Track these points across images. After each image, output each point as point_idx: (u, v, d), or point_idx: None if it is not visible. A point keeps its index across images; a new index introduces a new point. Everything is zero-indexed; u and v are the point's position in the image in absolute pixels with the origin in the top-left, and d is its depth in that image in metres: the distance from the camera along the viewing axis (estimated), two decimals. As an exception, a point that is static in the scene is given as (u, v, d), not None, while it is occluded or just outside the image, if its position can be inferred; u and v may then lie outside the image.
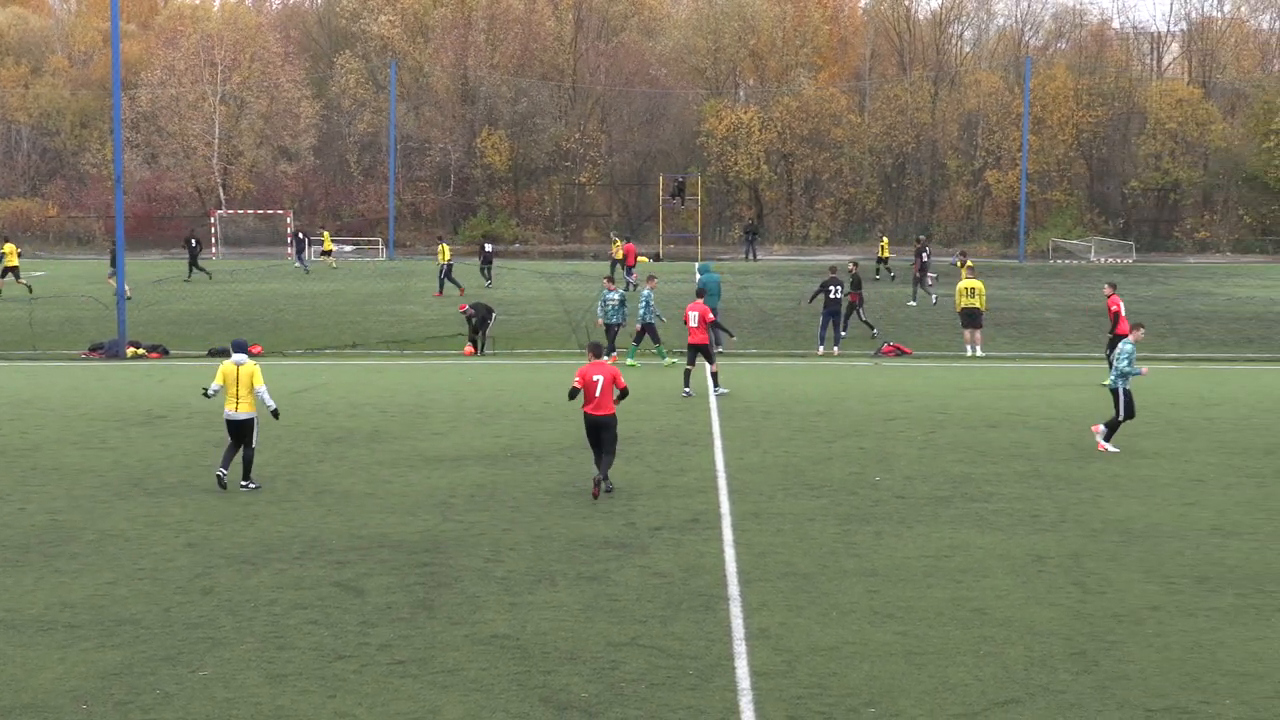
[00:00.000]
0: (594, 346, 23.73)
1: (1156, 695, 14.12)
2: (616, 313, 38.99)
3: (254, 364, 23.48)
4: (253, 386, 23.20)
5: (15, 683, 14.48)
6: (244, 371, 23.24)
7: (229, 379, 23.28)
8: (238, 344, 23.78)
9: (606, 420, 22.83)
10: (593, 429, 22.94)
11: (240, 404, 23.22)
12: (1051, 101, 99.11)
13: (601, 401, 22.73)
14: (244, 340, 24.07)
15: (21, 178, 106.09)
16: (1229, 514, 21.65)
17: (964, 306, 41.07)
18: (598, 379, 22.75)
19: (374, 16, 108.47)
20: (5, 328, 46.63)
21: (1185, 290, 63.69)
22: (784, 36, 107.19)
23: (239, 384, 23.21)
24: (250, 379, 23.18)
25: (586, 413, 22.94)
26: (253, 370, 23.27)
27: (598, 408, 22.76)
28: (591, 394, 22.75)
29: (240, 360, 23.39)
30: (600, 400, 22.73)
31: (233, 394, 23.25)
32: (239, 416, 23.26)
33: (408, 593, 17.43)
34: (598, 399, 22.71)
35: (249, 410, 23.25)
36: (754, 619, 16.40)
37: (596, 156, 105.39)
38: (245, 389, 23.19)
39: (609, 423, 22.86)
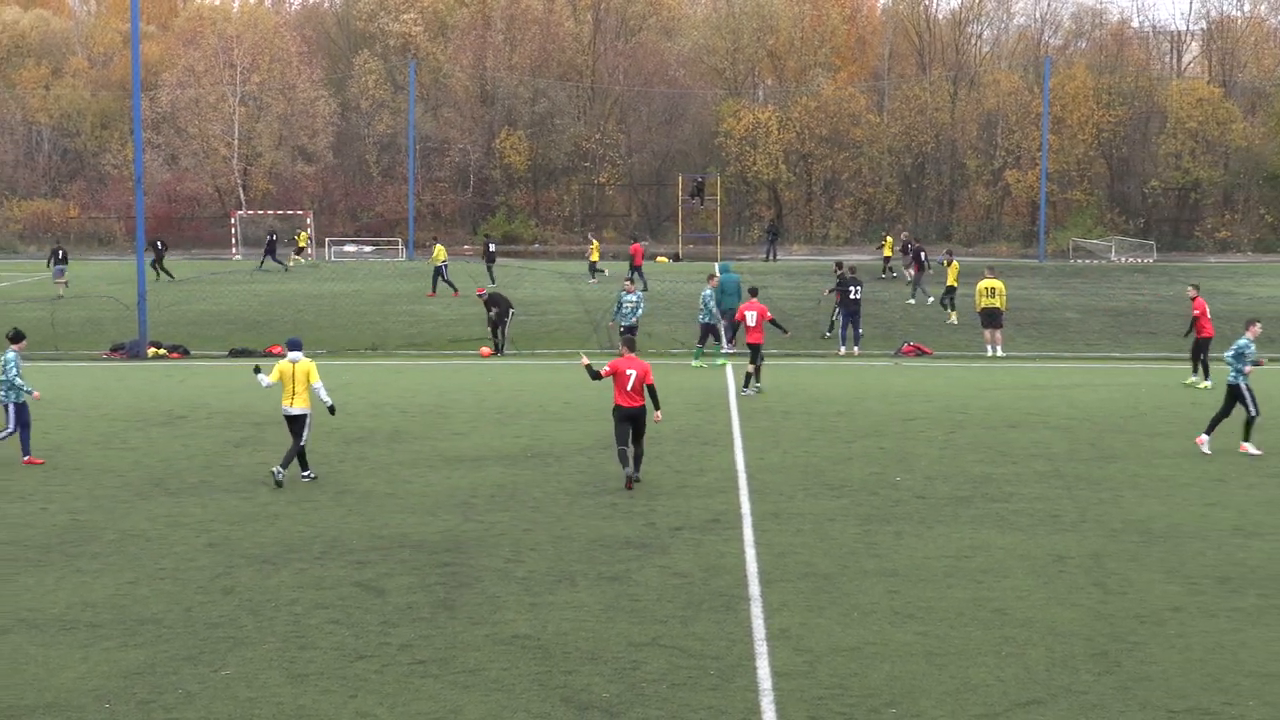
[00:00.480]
0: (628, 340, 24.43)
1: (1178, 696, 14.10)
2: (633, 314, 38.59)
3: (310, 362, 24.14)
4: (309, 383, 23.88)
5: (38, 682, 14.53)
6: (299, 369, 23.89)
7: (285, 376, 23.91)
8: (293, 342, 24.37)
9: (637, 411, 23.53)
10: (624, 419, 23.58)
11: (295, 400, 23.86)
12: (1071, 101, 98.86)
13: (633, 394, 23.44)
14: (299, 339, 24.67)
15: (42, 178, 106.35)
16: (1251, 514, 21.59)
17: (984, 306, 40.99)
18: (631, 372, 23.46)
19: (394, 16, 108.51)
20: (27, 328, 46.44)
21: (1206, 290, 63.23)
22: (802, 36, 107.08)
23: (294, 380, 23.85)
24: (306, 376, 23.87)
25: (618, 404, 23.61)
26: (308, 368, 23.95)
27: (630, 400, 23.47)
28: (624, 386, 23.45)
29: (296, 358, 23.99)
30: (632, 392, 23.44)
31: (289, 390, 23.90)
32: (294, 411, 23.91)
33: (428, 593, 17.45)
34: (630, 391, 23.43)
35: (304, 406, 23.89)
36: (775, 619, 16.40)
37: (615, 157, 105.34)
38: (301, 385, 23.86)
39: (639, 414, 23.57)
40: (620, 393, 23.56)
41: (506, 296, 42.72)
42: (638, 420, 23.62)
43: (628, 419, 23.61)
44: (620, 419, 23.68)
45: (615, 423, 23.81)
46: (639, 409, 23.55)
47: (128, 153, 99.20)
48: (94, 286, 63.75)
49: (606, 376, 23.81)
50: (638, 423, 23.64)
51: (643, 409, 23.60)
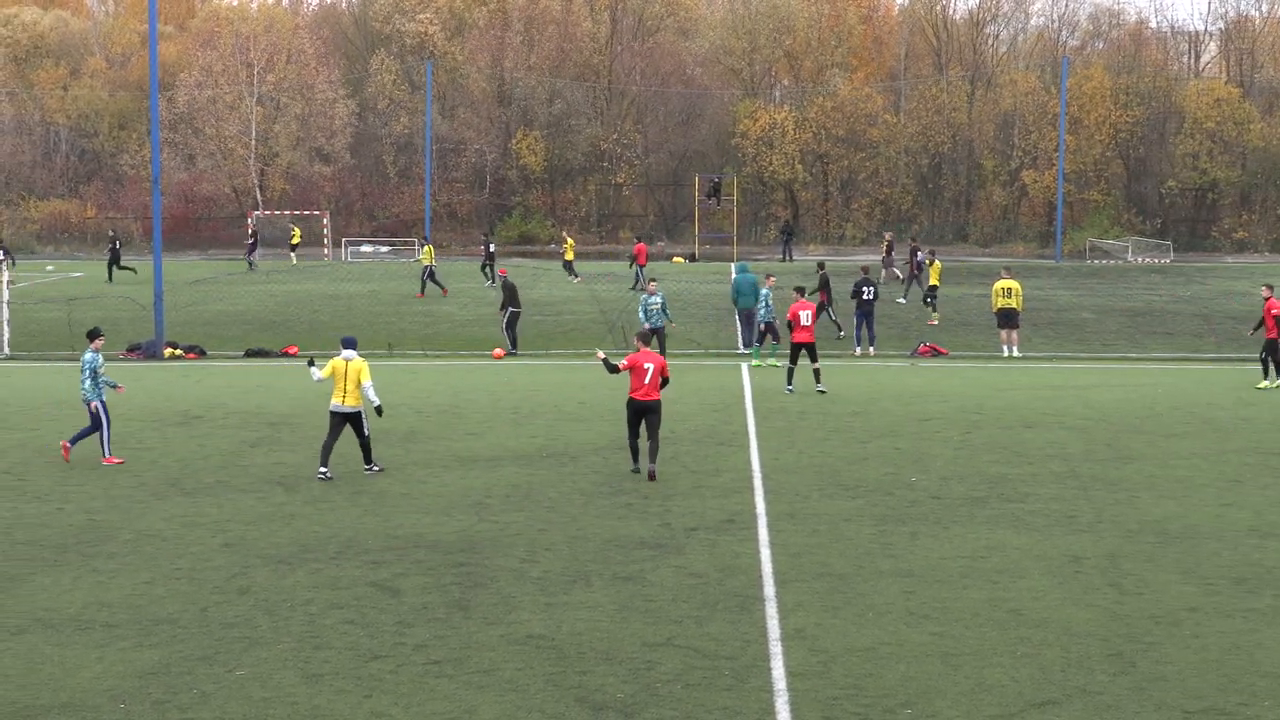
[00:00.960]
0: (643, 335, 25.25)
1: (1194, 697, 14.06)
2: (659, 316, 37.99)
3: (362, 360, 24.46)
4: (360, 381, 24.21)
5: (54, 682, 14.55)
6: (352, 367, 24.28)
7: (338, 373, 24.31)
8: (347, 341, 24.76)
9: (653, 405, 24.13)
10: (639, 412, 24.18)
11: (347, 397, 24.29)
12: (1088, 101, 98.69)
13: (650, 387, 24.07)
14: (354, 338, 25.06)
15: (60, 179, 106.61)
16: (1267, 515, 21.54)
17: (1001, 307, 40.94)
18: (649, 366, 24.10)
19: (410, 16, 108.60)
20: (44, 329, 46.87)
21: (1223, 290, 63.34)
22: (819, 36, 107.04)
23: (347, 378, 24.23)
24: (358, 374, 24.24)
25: (634, 398, 24.19)
26: (360, 366, 24.32)
27: (646, 394, 24.09)
28: (641, 380, 24.08)
29: (349, 356, 24.40)
30: (648, 386, 24.07)
31: (341, 388, 24.29)
32: (345, 409, 24.36)
33: (443, 593, 17.46)
34: (646, 385, 24.06)
35: (356, 404, 24.35)
36: (790, 619, 16.39)
37: (632, 157, 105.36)
38: (353, 383, 24.24)
39: (655, 407, 24.15)
40: (636, 385, 24.12)
41: (516, 294, 42.52)
42: (651, 413, 24.13)
43: (642, 412, 24.18)
44: (634, 411, 24.27)
45: (628, 415, 24.42)
46: (654, 402, 24.12)
47: (145, 153, 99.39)
48: (110, 287, 63.88)
49: (624, 370, 24.38)
50: (651, 416, 24.13)
51: (658, 403, 24.17)
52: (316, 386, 34.00)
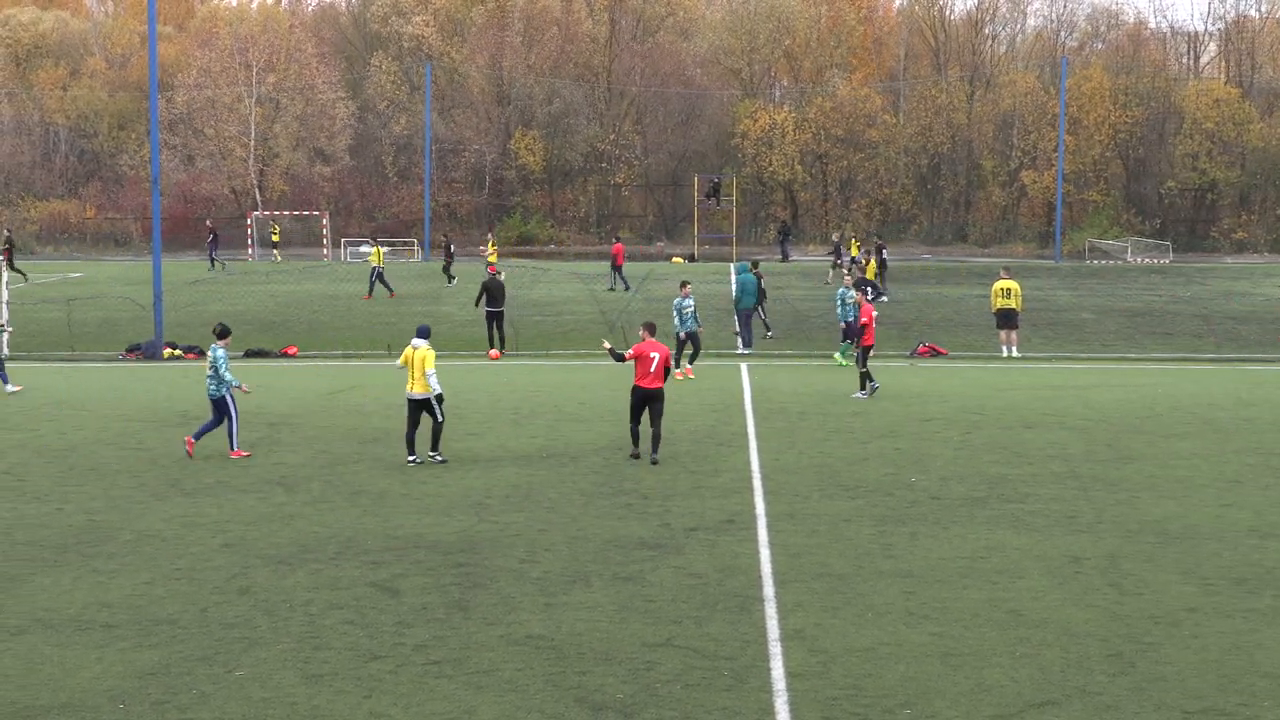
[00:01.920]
0: (649, 325, 26.19)
1: (1194, 697, 14.07)
2: (692, 320, 36.64)
3: (428, 349, 25.15)
4: (425, 369, 24.91)
5: (53, 682, 14.55)
6: (418, 356, 25.07)
7: (409, 361, 25.22)
8: (421, 330, 25.64)
9: (657, 393, 25.33)
10: (643, 400, 25.34)
11: (416, 384, 25.14)
12: (1088, 101, 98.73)
13: (654, 376, 25.22)
14: (427, 327, 25.89)
15: (59, 179, 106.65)
16: (1267, 515, 21.55)
17: (1000, 307, 40.93)
18: (654, 356, 25.26)
19: (408, 18, 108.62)
20: (44, 329, 46.86)
21: (1222, 291, 63.36)
22: (818, 37, 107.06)
23: (414, 366, 25.04)
24: (423, 362, 24.96)
25: (638, 385, 25.37)
26: (425, 355, 25.02)
27: (650, 382, 25.27)
28: (646, 368, 25.22)
29: (418, 344, 25.20)
30: (653, 375, 25.22)
31: (411, 376, 25.18)
32: (416, 396, 25.16)
33: (443, 593, 17.46)
34: (651, 374, 25.20)
35: (425, 390, 25.06)
36: (789, 620, 16.39)
37: (631, 157, 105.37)
38: (419, 371, 25.02)
39: (658, 395, 25.35)
40: (642, 375, 25.27)
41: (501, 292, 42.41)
42: (655, 401, 25.30)
43: (646, 399, 25.33)
44: (639, 399, 25.40)
45: (632, 402, 25.52)
46: (657, 390, 25.28)
47: (144, 153, 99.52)
48: (110, 287, 63.87)
49: (630, 360, 25.58)
50: (655, 404, 25.30)
51: (661, 391, 25.33)
52: (316, 386, 34.14)
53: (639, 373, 25.38)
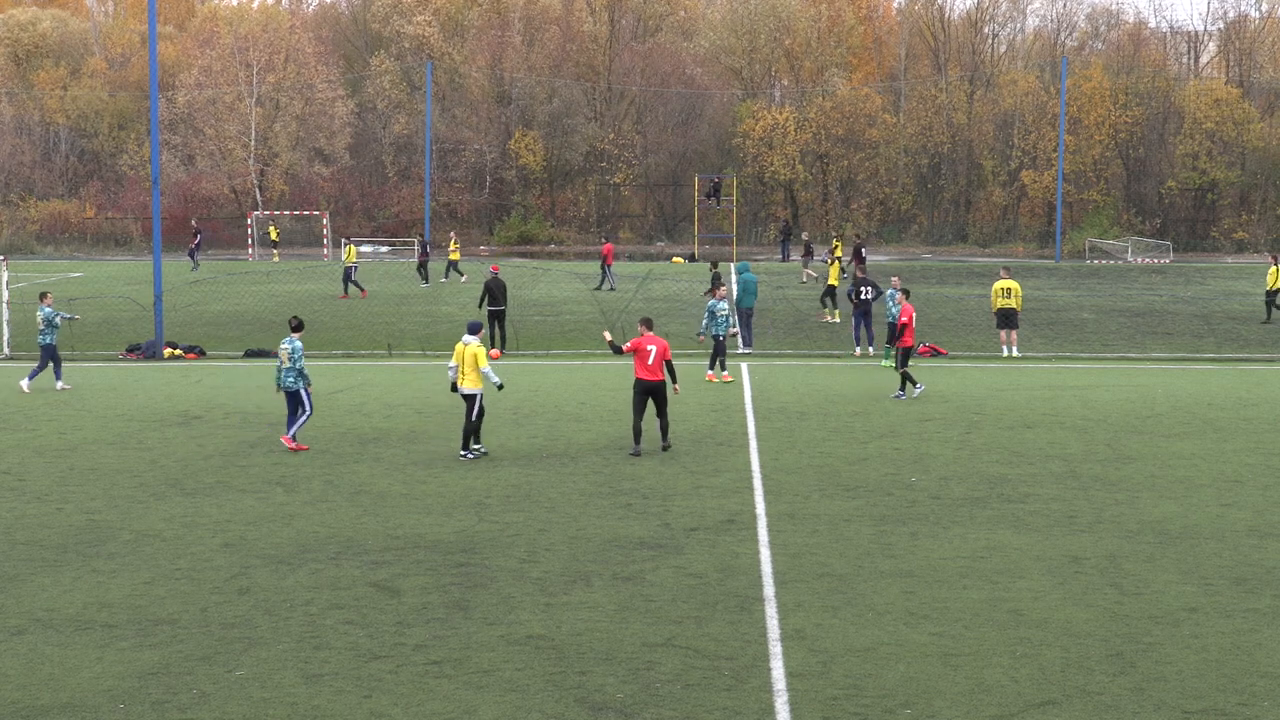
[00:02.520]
0: (646, 320, 26.91)
1: (1194, 697, 14.07)
2: (725, 323, 35.76)
3: (479, 345, 25.70)
4: (477, 365, 25.50)
5: (53, 682, 14.56)
6: (469, 352, 25.65)
7: (460, 357, 25.76)
8: (471, 326, 26.08)
9: (658, 385, 26.12)
10: (645, 392, 26.10)
11: (467, 380, 25.71)
12: (1088, 101, 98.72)
13: (654, 368, 25.98)
14: (477, 323, 26.25)
15: (59, 179, 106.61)
16: (1267, 515, 21.55)
17: (1000, 307, 40.93)
18: (650, 349, 26.01)
19: (408, 17, 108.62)
20: (43, 329, 46.78)
21: (1223, 290, 63.38)
22: (818, 37, 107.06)
23: (464, 362, 25.60)
24: (475, 358, 25.54)
25: (640, 378, 26.10)
26: (477, 351, 25.60)
27: (650, 374, 26.03)
28: (644, 361, 26.00)
29: (468, 341, 25.74)
30: (653, 367, 25.98)
31: (463, 371, 25.71)
32: (466, 391, 25.75)
33: (443, 593, 17.46)
34: (650, 366, 25.97)
35: (475, 386, 25.69)
36: (789, 620, 16.39)
37: (631, 157, 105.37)
38: (470, 367, 25.58)
39: (660, 387, 26.14)
40: (641, 367, 26.05)
41: (501, 290, 42.41)
42: (657, 393, 26.13)
43: (647, 391, 26.11)
44: (640, 391, 26.14)
45: (634, 395, 26.25)
46: (659, 383, 26.06)
47: (145, 153, 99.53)
48: (110, 287, 63.86)
49: (628, 352, 26.42)
50: (658, 395, 26.14)
51: (662, 383, 26.09)
52: (317, 386, 34.04)
53: (638, 366, 26.10)
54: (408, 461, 25.59)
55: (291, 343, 26.77)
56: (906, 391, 32.89)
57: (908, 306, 33.66)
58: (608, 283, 63.26)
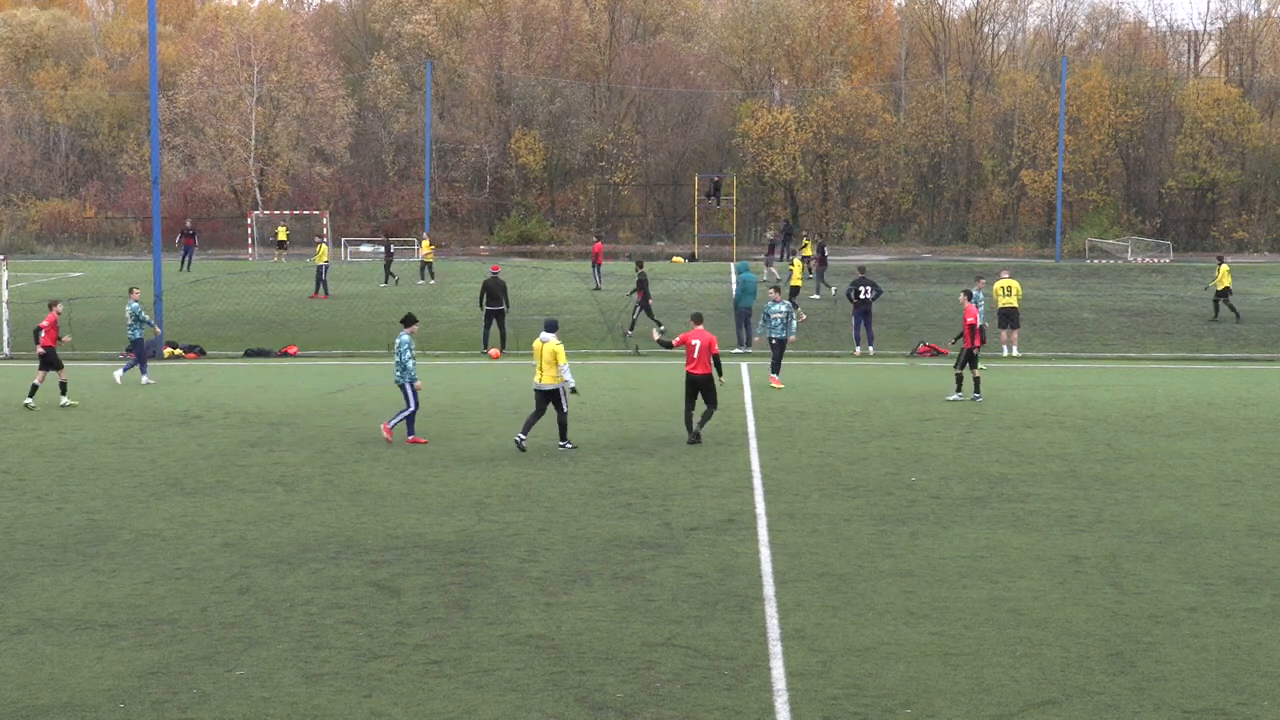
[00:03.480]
0: (696, 316, 28.48)
1: (1194, 697, 14.06)
2: (782, 326, 34.74)
3: (556, 343, 26.43)
4: (556, 361, 26.26)
5: (53, 681, 14.55)
6: (547, 349, 26.35)
7: (537, 354, 26.57)
8: (548, 323, 26.86)
9: (704, 378, 27.15)
10: (693, 384, 27.23)
11: (544, 376, 26.44)
12: (1087, 101, 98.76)
13: (699, 362, 27.03)
14: (555, 320, 27.17)
15: (59, 178, 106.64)
16: (1267, 514, 21.54)
17: (1002, 306, 40.94)
18: (695, 343, 27.14)
19: (408, 16, 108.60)
20: (43, 328, 46.78)
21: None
22: (819, 36, 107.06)
23: (542, 358, 26.34)
24: (554, 355, 26.28)
25: (689, 371, 27.22)
26: (555, 349, 26.32)
27: (696, 367, 27.08)
28: (691, 355, 27.12)
29: (545, 338, 26.45)
30: (698, 361, 27.04)
31: (539, 367, 26.46)
32: (544, 387, 26.54)
33: (443, 593, 17.46)
34: (696, 360, 27.02)
35: (552, 381, 26.41)
36: (789, 619, 16.38)
37: (631, 157, 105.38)
38: (548, 363, 26.32)
39: (705, 380, 27.15)
40: (689, 360, 27.12)
41: (500, 291, 42.42)
42: (704, 385, 27.11)
43: (694, 384, 27.18)
44: (689, 384, 27.26)
45: (686, 388, 27.41)
46: (704, 376, 27.03)
47: (145, 153, 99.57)
48: (110, 287, 63.84)
49: (677, 347, 27.70)
50: (704, 387, 27.13)
51: (708, 376, 27.05)
52: (316, 386, 34.11)
53: (687, 359, 27.24)
54: (408, 461, 25.58)
55: (400, 338, 27.46)
56: (965, 393, 32.47)
57: (971, 308, 32.84)
58: (595, 281, 63.57)
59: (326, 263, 61.93)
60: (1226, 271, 51.61)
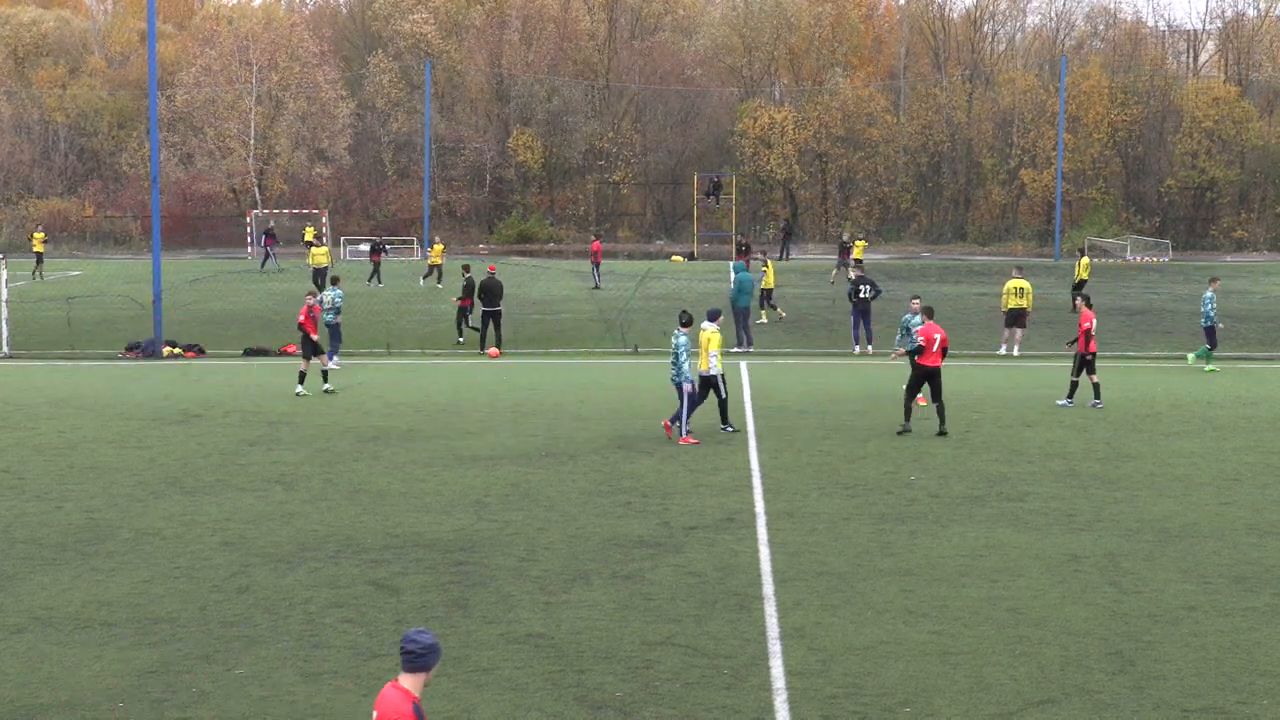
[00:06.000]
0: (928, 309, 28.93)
1: (1193, 695, 14.07)
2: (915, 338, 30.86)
3: (714, 331, 27.66)
4: (708, 348, 27.34)
5: (53, 680, 14.55)
6: (704, 337, 27.50)
7: (703, 345, 27.46)
8: (710, 313, 28.28)
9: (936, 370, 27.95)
10: (925, 376, 27.99)
11: (704, 362, 27.49)
12: (1086, 100, 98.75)
13: (935, 355, 27.89)
14: (717, 310, 28.67)
15: (59, 178, 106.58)
16: (1266, 513, 21.55)
17: (1011, 307, 40.85)
18: (936, 337, 27.82)
19: (405, 15, 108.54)
20: (43, 328, 46.82)
21: (1222, 289, 63.20)
22: (821, 36, 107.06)
23: (704, 347, 27.32)
24: (708, 343, 27.44)
25: (920, 364, 27.98)
26: (710, 336, 27.50)
27: (930, 360, 27.80)
28: (930, 348, 27.85)
29: (706, 327, 27.72)
30: (934, 354, 27.89)
31: (703, 354, 27.40)
32: (704, 373, 27.56)
33: (442, 592, 17.46)
34: (932, 353, 27.88)
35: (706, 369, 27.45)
36: (789, 618, 16.39)
37: (630, 155, 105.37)
38: (705, 351, 27.38)
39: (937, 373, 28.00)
40: (925, 353, 27.87)
41: (483, 290, 42.30)
42: (934, 378, 27.93)
43: (926, 376, 27.98)
44: (921, 376, 28.03)
45: (912, 379, 28.29)
46: (936, 369, 27.88)
47: (144, 152, 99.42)
48: (110, 286, 63.87)
49: (921, 345, 28.04)
50: (934, 380, 27.93)
51: (939, 369, 27.86)
52: (315, 384, 34.06)
53: (925, 353, 27.97)
54: (407, 460, 25.58)
55: (676, 337, 27.64)
56: (1078, 399, 31.71)
57: (1088, 312, 32.06)
58: (594, 280, 63.59)
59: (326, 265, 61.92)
60: (1086, 265, 54.44)
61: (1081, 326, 31.63)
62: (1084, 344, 31.46)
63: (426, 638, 9.19)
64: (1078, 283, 52.97)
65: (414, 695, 9.10)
